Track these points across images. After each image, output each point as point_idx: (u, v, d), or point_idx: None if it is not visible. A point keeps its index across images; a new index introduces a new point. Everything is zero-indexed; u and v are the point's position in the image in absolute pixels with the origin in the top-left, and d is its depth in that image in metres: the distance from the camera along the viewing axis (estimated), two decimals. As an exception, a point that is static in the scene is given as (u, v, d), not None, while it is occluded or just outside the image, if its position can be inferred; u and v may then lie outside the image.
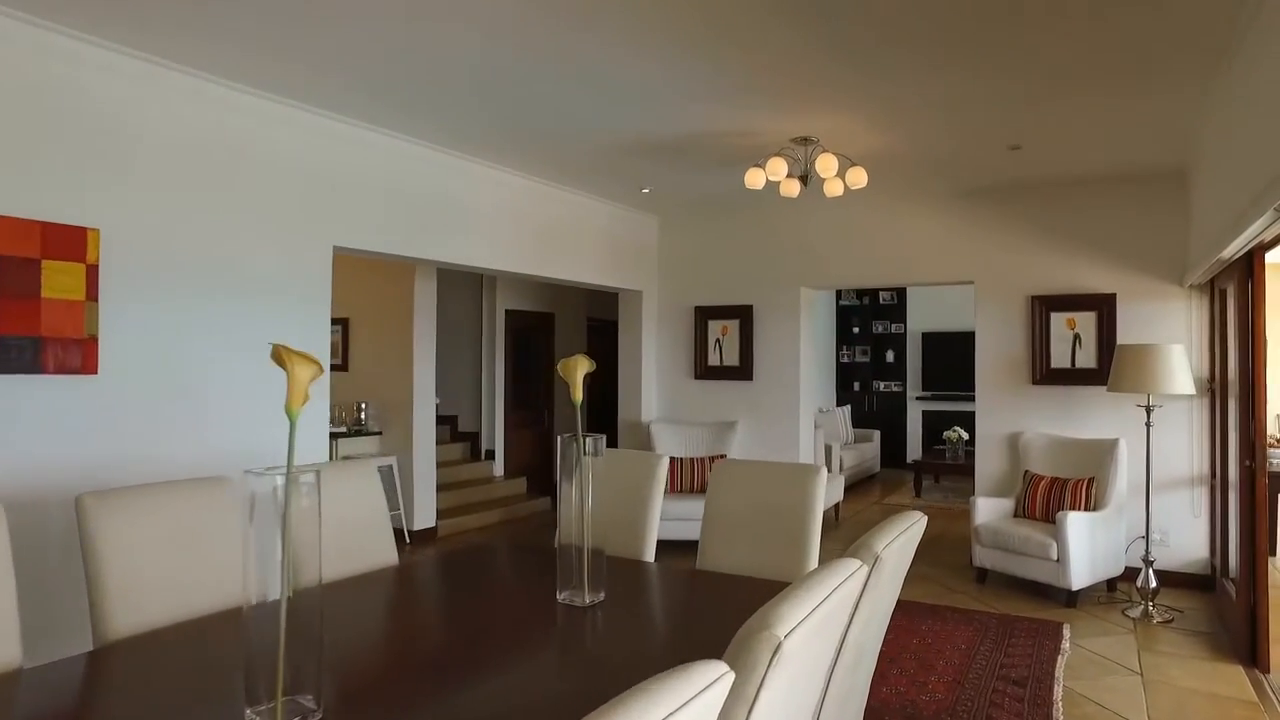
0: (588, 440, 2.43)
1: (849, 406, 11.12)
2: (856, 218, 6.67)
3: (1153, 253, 5.65)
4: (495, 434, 8.89)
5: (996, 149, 5.04)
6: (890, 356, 11.97)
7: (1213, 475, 5.43)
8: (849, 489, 9.65)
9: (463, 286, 9.06)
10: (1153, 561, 4.96)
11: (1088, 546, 5.07)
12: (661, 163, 5.47)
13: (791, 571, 2.81)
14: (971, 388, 6.35)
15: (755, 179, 4.82)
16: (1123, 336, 5.69)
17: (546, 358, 9.70)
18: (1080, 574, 5.03)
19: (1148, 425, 5.01)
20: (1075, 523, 5.02)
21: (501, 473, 8.89)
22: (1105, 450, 5.45)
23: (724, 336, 7.19)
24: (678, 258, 7.51)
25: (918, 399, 11.59)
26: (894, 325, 11.95)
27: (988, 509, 5.65)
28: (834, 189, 4.95)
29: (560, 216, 6.38)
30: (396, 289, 7.23)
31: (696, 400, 7.37)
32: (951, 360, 11.20)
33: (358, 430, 7.13)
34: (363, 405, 7.26)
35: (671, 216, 7.48)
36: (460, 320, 9.08)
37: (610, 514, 2.81)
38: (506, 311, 9.01)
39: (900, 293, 11.85)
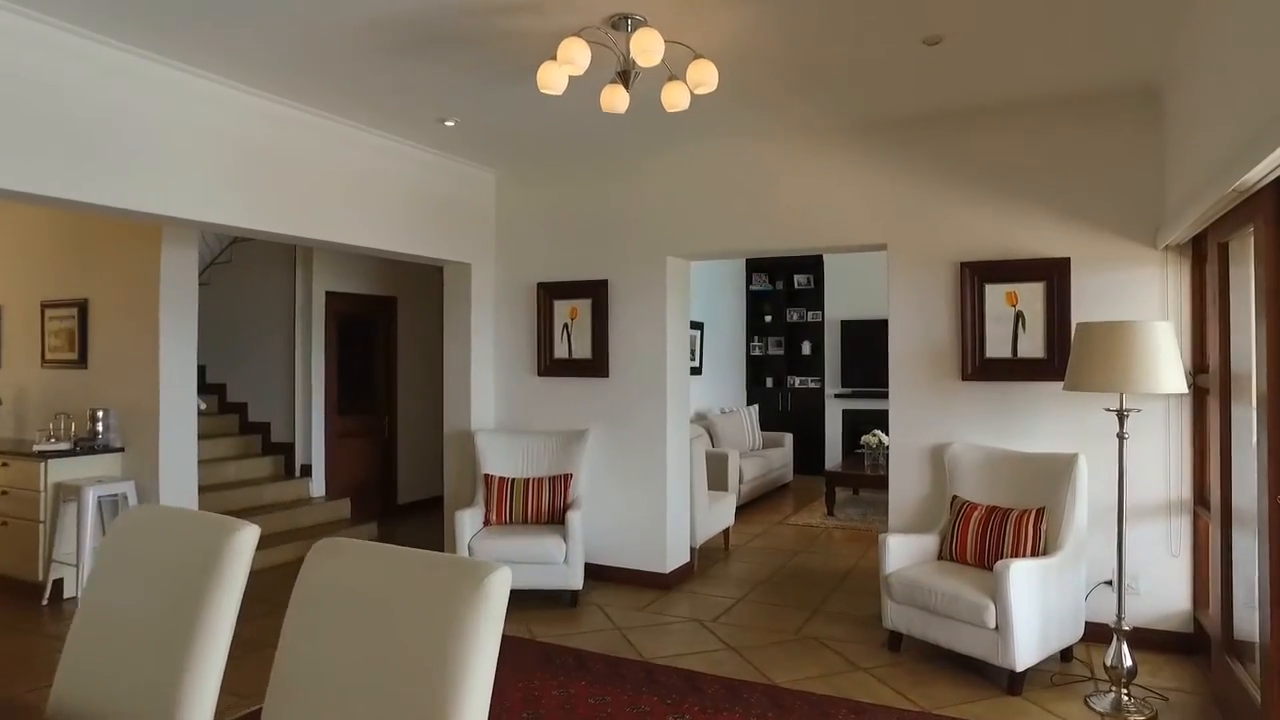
0: None
1: (758, 406, 9.63)
2: (733, 169, 5.12)
3: (1117, 203, 4.22)
4: (313, 445, 7.11)
5: (908, 41, 3.52)
6: (806, 348, 10.53)
7: (1199, 502, 4.03)
8: (753, 505, 8.14)
9: (267, 262, 7.26)
10: (1128, 630, 3.51)
11: (1038, 608, 3.60)
12: (437, 69, 3.81)
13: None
14: None
15: (550, 78, 3.21)
16: (1080, 314, 4.25)
17: (388, 351, 7.95)
18: (1027, 648, 3.55)
19: (1121, 437, 3.55)
20: (1021, 577, 3.54)
21: (322, 492, 7.12)
22: (1060, 470, 3.99)
23: (573, 321, 5.57)
24: (519, 222, 5.86)
25: (837, 396, 10.18)
26: (810, 313, 10.51)
27: (903, 551, 4.15)
28: (674, 98, 3.37)
29: (340, 162, 4.68)
30: (140, 258, 5.42)
31: (541, 403, 5.74)
32: (875, 352, 9.78)
33: (89, 447, 5.31)
34: (100, 414, 5.44)
35: (511, 171, 5.83)
36: (270, 305, 7.27)
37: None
38: (329, 295, 7.24)
39: (817, 276, 10.41)
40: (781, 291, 10.64)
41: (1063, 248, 4.32)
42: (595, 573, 5.42)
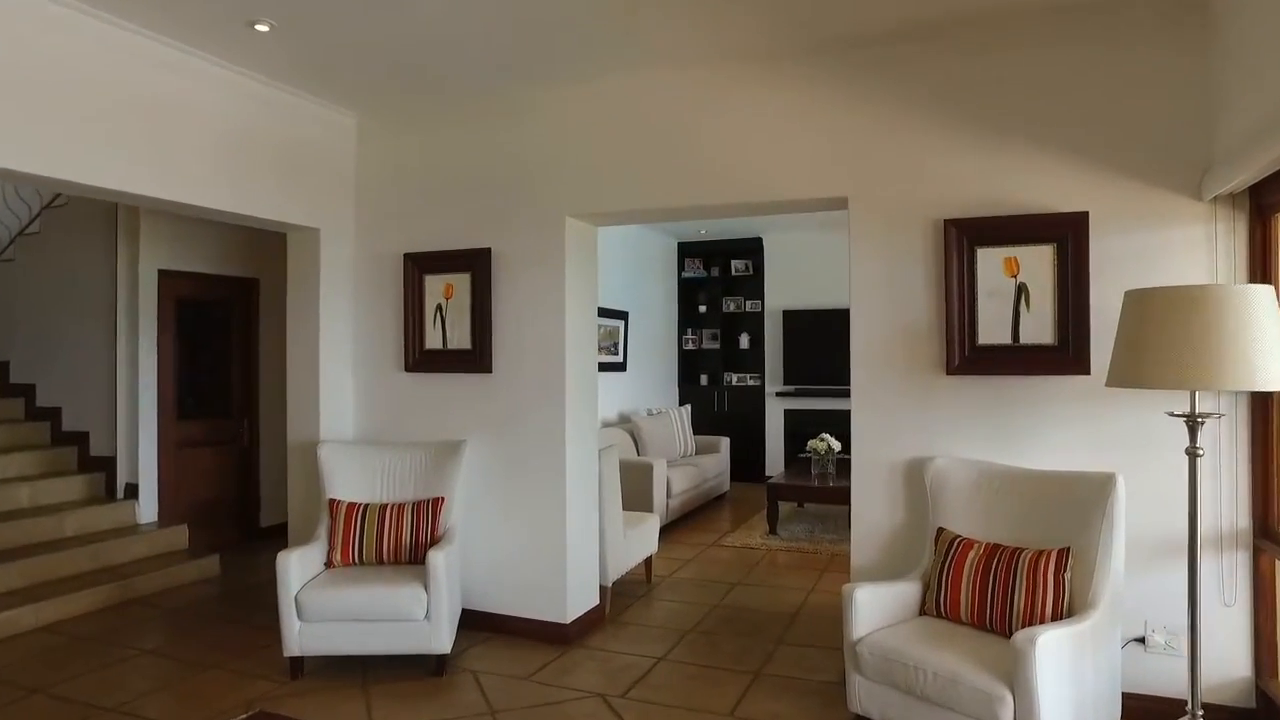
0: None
1: (690, 406, 8.52)
2: (653, 106, 3.97)
3: (1148, 143, 3.21)
4: (142, 459, 5.72)
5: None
6: (745, 341, 9.47)
7: (1261, 535, 3.04)
8: (685, 521, 7.02)
9: (85, 232, 5.84)
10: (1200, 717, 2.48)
11: (1070, 693, 2.55)
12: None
13: None
14: (849, 381, 3.79)
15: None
16: (1101, 286, 3.23)
17: (247, 343, 6.59)
18: (1058, 754, 2.49)
19: (1193, 454, 2.52)
20: (1051, 653, 2.47)
21: (153, 518, 5.74)
22: (1089, 496, 2.94)
23: (448, 301, 4.35)
24: (384, 178, 4.61)
25: (779, 395, 9.14)
26: (749, 302, 9.46)
27: (875, 607, 3.05)
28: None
29: (128, 84, 3.38)
30: None
31: (408, 407, 4.51)
32: (822, 346, 8.79)
33: None
34: None
35: (375, 115, 4.57)
36: (87, 287, 5.85)
37: None
38: (164, 274, 5.85)
39: (756, 262, 9.36)
40: (717, 279, 9.56)
41: (1078, 200, 3.29)
42: (477, 622, 4.23)
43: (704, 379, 9.59)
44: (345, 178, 4.63)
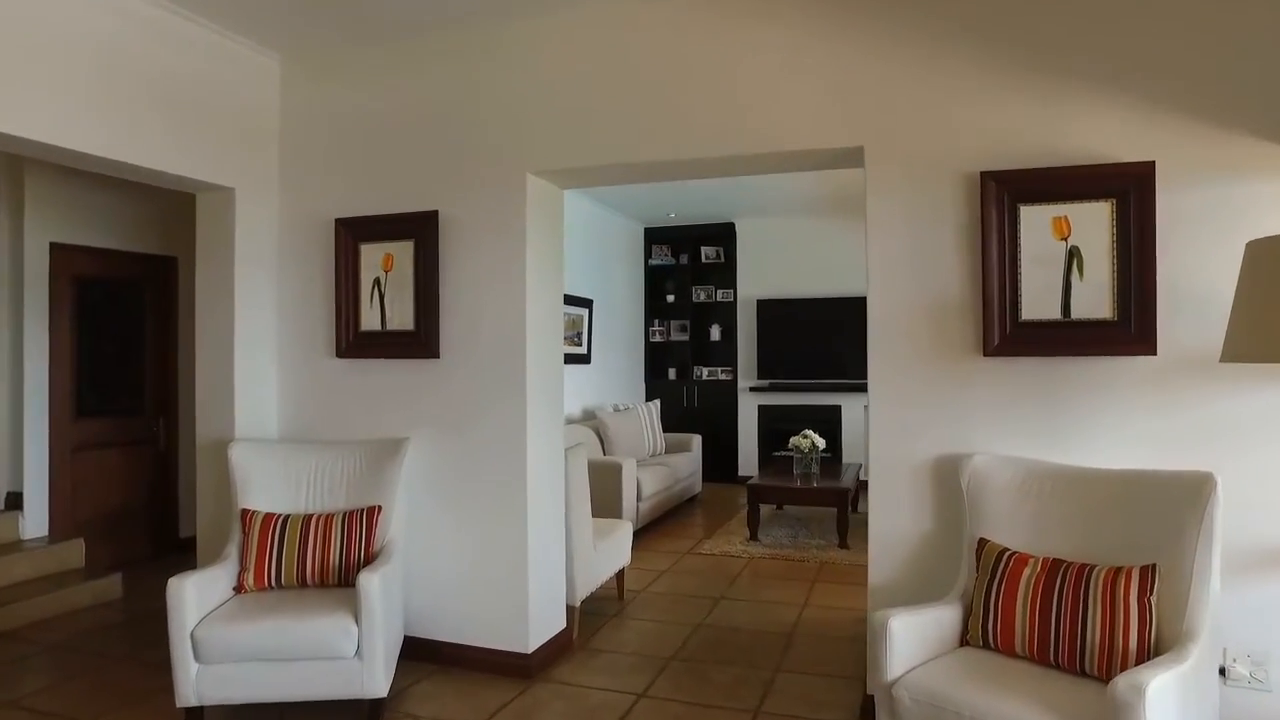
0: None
1: (659, 402, 7.93)
2: (630, 43, 3.37)
3: (1229, 81, 2.70)
4: (29, 464, 4.93)
5: None
6: (716, 333, 8.91)
7: (1370, 544, 2.54)
8: (656, 526, 6.43)
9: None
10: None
11: (1175, 754, 2.00)
12: None
13: None
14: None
15: None
16: (1171, 248, 2.72)
17: (163, 331, 5.80)
18: (1165, 831, 1.95)
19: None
20: (1162, 702, 1.93)
21: (42, 531, 4.95)
22: (1179, 501, 2.40)
23: (388, 274, 3.69)
24: (313, 130, 3.92)
25: (753, 390, 8.60)
26: (721, 291, 8.90)
27: (913, 638, 2.48)
28: None
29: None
30: None
31: (341, 399, 3.83)
32: (797, 337, 8.28)
33: None
34: None
35: (302, 57, 3.89)
36: (-33, 261, 5.03)
37: None
38: (57, 249, 5.06)
39: (729, 249, 8.81)
40: (687, 266, 8.98)
41: (1143, 148, 2.77)
42: (422, 653, 3.57)
43: (672, 373, 9.01)
44: (267, 129, 3.93)
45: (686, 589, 4.83)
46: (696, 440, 7.70)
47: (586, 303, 7.46)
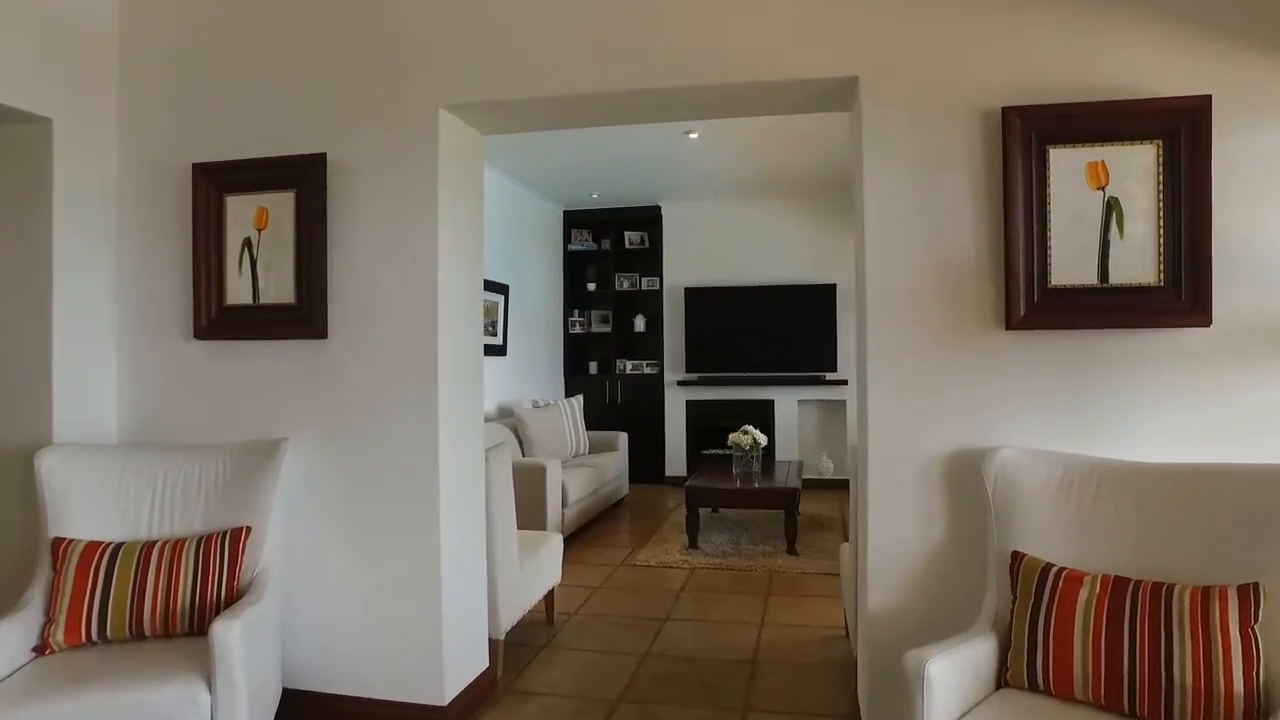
0: None
1: (581, 398, 7.28)
2: (579, -61, 2.72)
3: (1285, -2, 2.27)
4: None
5: None
6: (640, 324, 8.32)
7: None
8: (583, 534, 5.79)
9: None
10: None
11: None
12: None
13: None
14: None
15: None
16: (1228, 199, 2.27)
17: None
18: None
19: None
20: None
21: None
22: (1276, 501, 1.94)
23: (262, 233, 2.92)
24: (166, 50, 3.10)
25: (680, 384, 8.05)
26: (645, 279, 8.31)
27: (950, 683, 1.94)
28: None
29: None
30: None
31: (200, 390, 3.04)
32: (728, 328, 7.77)
33: None
34: None
35: (148, -51, 3.07)
36: None
37: None
38: None
39: (654, 234, 8.23)
40: (609, 252, 8.35)
41: (1195, 80, 2.32)
42: (307, 710, 2.83)
43: (594, 367, 8.37)
44: (101, 45, 3.09)
45: (625, 609, 4.21)
46: (623, 439, 7.09)
47: (503, 288, 6.75)
